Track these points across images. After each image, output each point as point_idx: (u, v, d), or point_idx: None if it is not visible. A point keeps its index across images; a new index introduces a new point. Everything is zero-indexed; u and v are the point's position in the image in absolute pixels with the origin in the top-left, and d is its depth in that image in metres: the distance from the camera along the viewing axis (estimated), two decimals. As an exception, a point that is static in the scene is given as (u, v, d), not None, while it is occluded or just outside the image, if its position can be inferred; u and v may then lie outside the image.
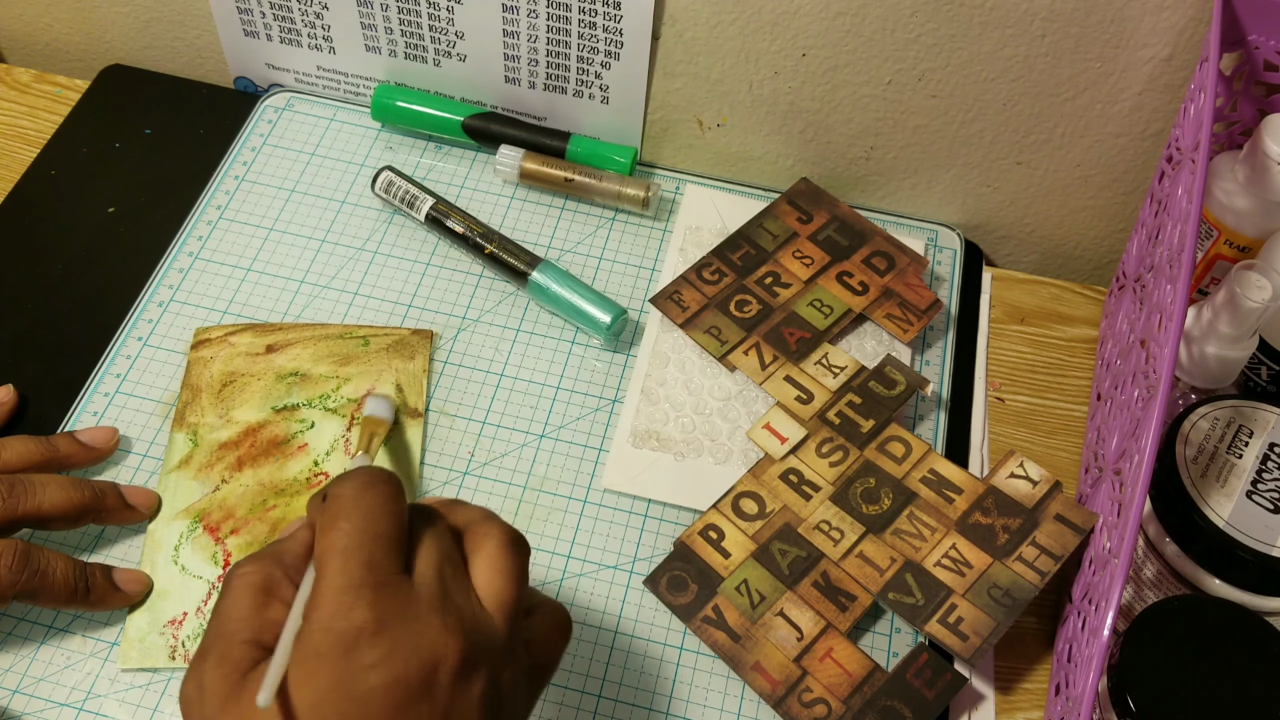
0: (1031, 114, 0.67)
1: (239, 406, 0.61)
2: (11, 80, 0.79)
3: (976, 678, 0.56)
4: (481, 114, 0.73)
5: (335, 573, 0.36)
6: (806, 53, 0.67)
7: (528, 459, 0.61)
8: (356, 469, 0.39)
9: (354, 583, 0.35)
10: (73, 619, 0.55)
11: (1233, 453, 0.54)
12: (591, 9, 0.67)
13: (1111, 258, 0.75)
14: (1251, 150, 0.58)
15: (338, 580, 0.35)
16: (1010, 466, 0.59)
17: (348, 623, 0.35)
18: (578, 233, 0.71)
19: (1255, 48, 0.59)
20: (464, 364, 0.65)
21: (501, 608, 0.38)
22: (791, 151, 0.73)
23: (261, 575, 0.38)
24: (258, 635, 0.36)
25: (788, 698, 0.53)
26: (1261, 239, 0.59)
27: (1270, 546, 0.51)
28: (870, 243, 0.68)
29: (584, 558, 0.58)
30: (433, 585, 0.37)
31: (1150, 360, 0.52)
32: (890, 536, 0.57)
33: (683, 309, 0.65)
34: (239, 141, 0.74)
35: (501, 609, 0.38)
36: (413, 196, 0.69)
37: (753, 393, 0.64)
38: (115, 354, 0.64)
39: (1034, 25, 0.63)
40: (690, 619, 0.55)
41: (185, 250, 0.69)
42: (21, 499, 0.52)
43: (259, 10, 0.74)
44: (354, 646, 0.34)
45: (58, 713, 0.53)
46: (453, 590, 0.37)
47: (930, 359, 0.67)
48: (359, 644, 0.34)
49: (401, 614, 0.35)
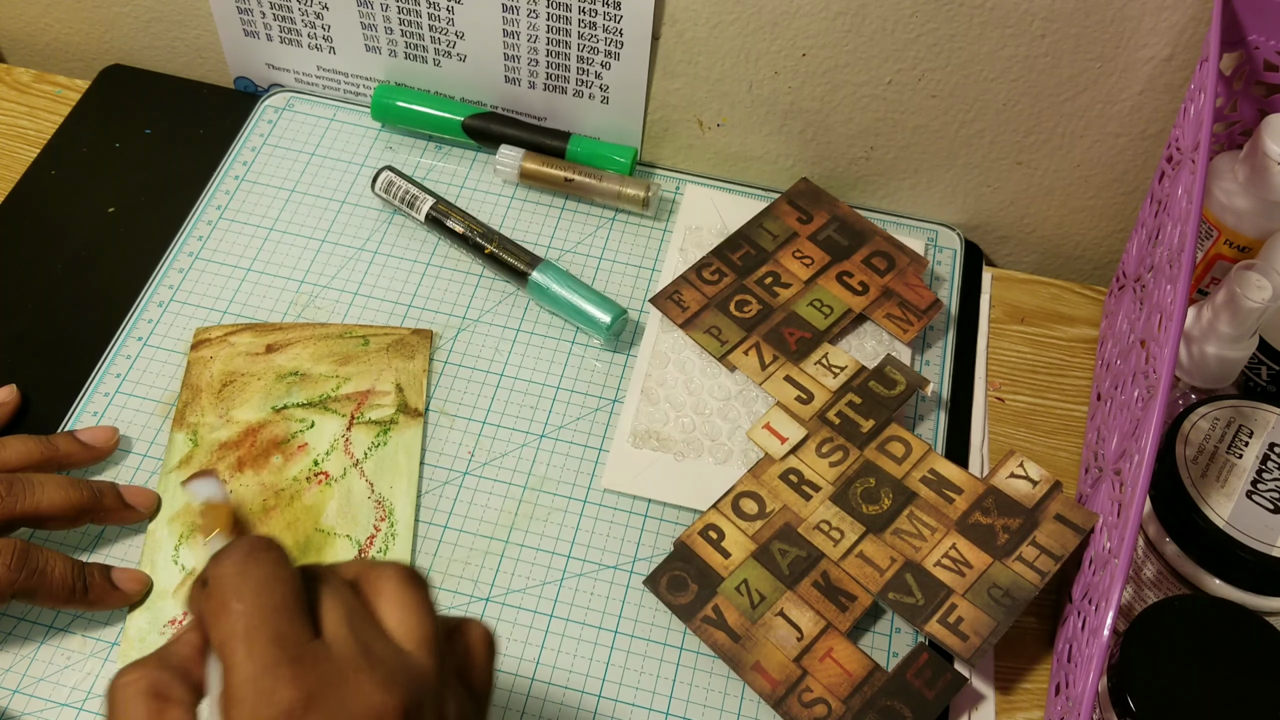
0: (1031, 114, 0.67)
1: (239, 406, 0.61)
2: (11, 80, 0.79)
3: (976, 678, 0.56)
4: (481, 114, 0.73)
5: (243, 659, 0.33)
6: (806, 53, 0.67)
7: (528, 459, 0.61)
8: (231, 544, 0.36)
9: (268, 663, 0.32)
10: (73, 619, 0.55)
11: (1233, 453, 0.54)
12: (591, 9, 0.68)
13: (1111, 258, 0.75)
14: (1251, 150, 0.58)
15: (249, 667, 0.32)
16: (1010, 466, 0.59)
17: (274, 708, 0.32)
18: (578, 233, 0.71)
19: (1255, 48, 0.59)
20: (464, 364, 0.65)
21: (423, 644, 0.36)
22: (791, 151, 0.73)
23: (148, 680, 0.34)
24: None
25: (788, 698, 0.53)
26: (1261, 239, 0.59)
27: (1270, 546, 0.51)
28: (870, 243, 0.68)
29: (584, 558, 0.58)
30: (349, 642, 0.34)
31: (1150, 360, 0.52)
32: (890, 536, 0.57)
33: (683, 309, 0.65)
34: (239, 141, 0.74)
35: (423, 645, 0.36)
36: (413, 196, 0.69)
37: (753, 393, 0.64)
38: (115, 354, 0.64)
39: (1034, 25, 0.63)
40: (690, 619, 0.55)
41: (185, 250, 0.69)
42: (20, 498, 0.52)
43: (259, 10, 0.74)
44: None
45: (58, 713, 0.53)
46: (371, 640, 0.35)
47: (930, 359, 0.67)
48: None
49: (328, 681, 0.33)
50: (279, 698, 0.32)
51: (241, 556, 0.35)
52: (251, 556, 0.35)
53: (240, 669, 0.33)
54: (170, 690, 0.34)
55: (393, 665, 0.34)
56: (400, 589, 0.37)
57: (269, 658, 0.33)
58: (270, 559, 0.35)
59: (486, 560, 0.58)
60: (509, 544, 0.58)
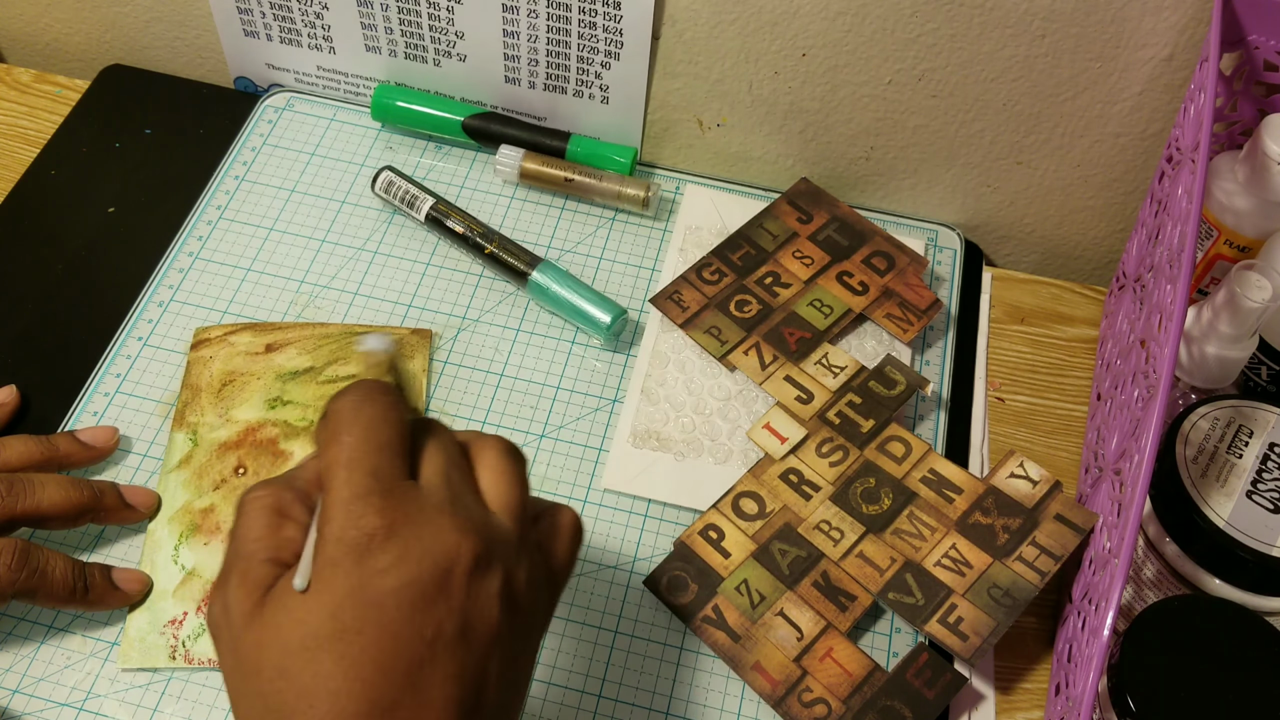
0: (1031, 114, 0.67)
1: (239, 406, 0.61)
2: (11, 80, 0.79)
3: (976, 678, 0.56)
4: (481, 114, 0.73)
5: (341, 484, 0.36)
6: (806, 53, 0.67)
7: (528, 459, 0.61)
8: (353, 383, 0.39)
9: (360, 492, 0.36)
10: (73, 619, 0.55)
11: (1233, 453, 0.54)
12: (591, 9, 0.68)
13: (1111, 258, 0.75)
14: (1251, 150, 0.58)
15: (344, 491, 0.36)
16: (1010, 466, 0.59)
17: (358, 530, 0.35)
18: (578, 233, 0.71)
19: (1255, 48, 0.59)
20: (464, 364, 0.65)
21: (509, 509, 0.38)
22: (791, 151, 0.73)
23: (273, 497, 0.38)
24: (275, 554, 0.37)
25: (788, 698, 0.53)
26: (1261, 239, 0.59)
27: (1270, 546, 0.51)
28: (870, 243, 0.68)
29: (584, 558, 0.58)
30: (440, 489, 0.37)
31: (1150, 360, 0.52)
32: (890, 536, 0.57)
33: (683, 309, 0.65)
34: (239, 141, 0.74)
35: (509, 511, 0.38)
36: (413, 196, 0.69)
37: (753, 393, 0.64)
38: (115, 354, 0.64)
39: (1034, 25, 0.63)
40: (690, 619, 0.55)
41: (185, 250, 0.69)
42: (20, 498, 0.52)
43: (259, 10, 0.74)
44: (366, 553, 0.35)
45: (58, 713, 0.53)
46: (461, 493, 0.38)
47: (930, 359, 0.67)
48: (371, 550, 0.35)
49: (411, 518, 0.36)
50: (365, 522, 0.35)
51: (358, 396, 0.38)
52: (367, 397, 0.38)
53: (337, 491, 0.36)
54: (290, 508, 0.38)
55: (474, 516, 0.37)
56: (499, 458, 0.40)
57: (363, 487, 0.36)
58: (383, 401, 0.38)
59: (486, 560, 0.58)
60: (509, 544, 0.58)
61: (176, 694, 0.53)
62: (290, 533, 0.38)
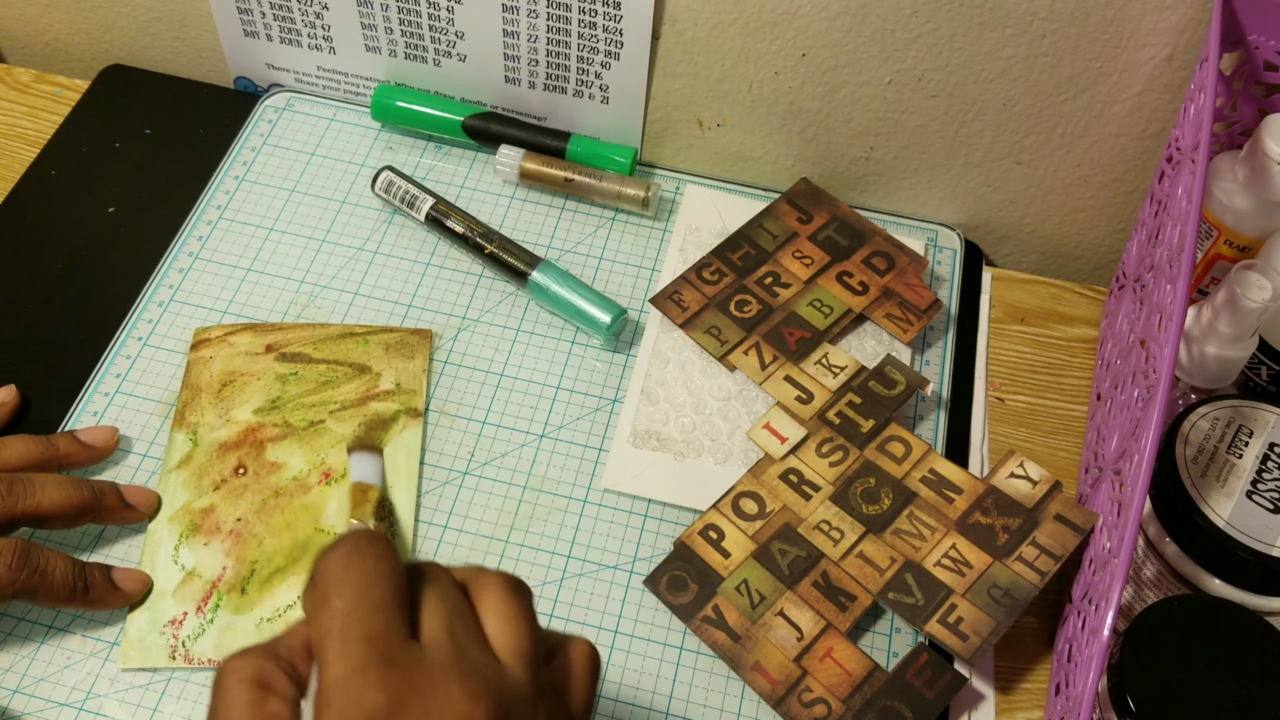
0: (1031, 114, 0.67)
1: (239, 406, 0.61)
2: (11, 80, 0.79)
3: (976, 678, 0.56)
4: (481, 114, 0.73)
5: (336, 658, 0.33)
6: (806, 53, 0.67)
7: (528, 459, 0.61)
8: (339, 538, 0.36)
9: (358, 664, 0.32)
10: (73, 619, 0.55)
11: (1233, 453, 0.54)
12: (591, 9, 0.68)
13: (1111, 258, 0.75)
14: (1251, 150, 0.58)
15: (340, 666, 0.32)
16: (1010, 466, 0.59)
17: (360, 711, 0.32)
18: (578, 233, 0.71)
19: (1255, 48, 0.59)
20: (464, 364, 0.65)
21: (520, 656, 0.35)
22: (791, 151, 0.73)
23: (253, 668, 0.34)
24: None
25: (788, 698, 0.53)
26: (1261, 239, 0.59)
27: (1270, 546, 0.51)
28: (870, 243, 0.68)
29: (584, 558, 0.58)
30: (445, 646, 0.34)
31: (1150, 360, 0.52)
32: (890, 536, 0.57)
33: (683, 309, 0.65)
34: (239, 141, 0.74)
35: (520, 658, 0.35)
36: (413, 196, 0.69)
37: (753, 393, 0.64)
38: (115, 354, 0.64)
39: (1034, 25, 0.63)
40: (690, 619, 0.55)
41: (185, 250, 0.69)
42: (21, 497, 0.52)
43: (259, 10, 0.74)
44: None
45: (58, 713, 0.53)
46: (467, 646, 0.34)
47: (930, 359, 0.67)
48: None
49: (417, 687, 0.32)
50: (365, 701, 0.32)
51: (347, 551, 0.35)
52: (357, 551, 0.35)
53: (332, 668, 0.33)
54: (274, 681, 0.34)
55: (485, 674, 0.34)
56: (502, 598, 0.36)
57: (360, 658, 0.32)
58: (375, 554, 0.35)
59: (486, 560, 0.58)
60: (509, 544, 0.58)
61: (176, 694, 0.53)
62: (275, 708, 0.33)
